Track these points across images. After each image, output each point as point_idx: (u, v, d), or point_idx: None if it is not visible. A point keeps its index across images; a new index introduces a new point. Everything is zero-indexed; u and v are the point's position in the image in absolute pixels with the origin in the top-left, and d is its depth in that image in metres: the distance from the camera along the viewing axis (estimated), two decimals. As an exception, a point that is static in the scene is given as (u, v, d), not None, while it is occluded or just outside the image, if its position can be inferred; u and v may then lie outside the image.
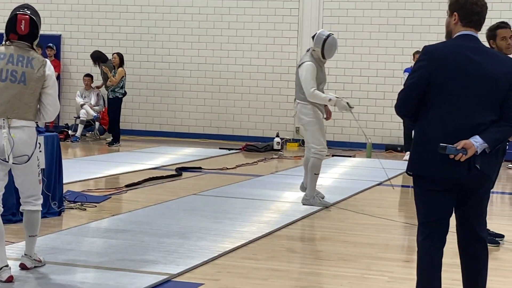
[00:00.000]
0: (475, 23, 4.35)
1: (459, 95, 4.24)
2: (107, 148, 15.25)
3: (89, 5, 17.89)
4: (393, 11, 16.37)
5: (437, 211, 4.34)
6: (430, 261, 4.36)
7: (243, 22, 17.03)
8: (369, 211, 8.82)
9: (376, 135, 16.16)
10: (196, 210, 8.43)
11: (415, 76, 4.29)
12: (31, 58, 5.48)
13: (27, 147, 5.47)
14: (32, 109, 5.48)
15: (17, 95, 5.40)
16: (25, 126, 5.45)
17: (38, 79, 5.46)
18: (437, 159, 4.20)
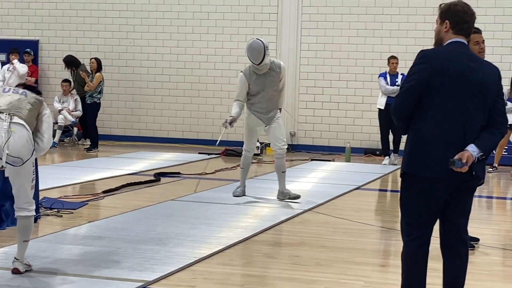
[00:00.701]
0: (465, 31, 4.55)
1: (455, 99, 4.37)
2: (85, 153, 15.17)
3: (67, 10, 17.81)
4: (371, 16, 16.43)
5: (429, 212, 4.45)
6: (417, 261, 4.50)
7: (222, 27, 17.02)
8: (346, 215, 8.84)
9: (355, 139, 16.21)
10: (173, 216, 8.40)
11: (414, 79, 4.40)
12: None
13: (25, 150, 5.63)
14: (32, 120, 5.75)
15: (19, 100, 5.78)
16: (25, 127, 5.67)
17: (36, 97, 5.88)
18: (435, 160, 4.34)
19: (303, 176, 12.54)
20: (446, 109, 4.38)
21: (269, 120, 9.51)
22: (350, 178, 12.27)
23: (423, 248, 4.50)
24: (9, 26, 18.14)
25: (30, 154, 5.67)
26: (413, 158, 4.44)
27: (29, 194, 5.84)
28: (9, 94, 5.80)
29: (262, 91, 9.37)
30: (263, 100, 9.42)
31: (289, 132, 16.80)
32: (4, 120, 5.58)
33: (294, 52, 16.79)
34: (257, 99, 9.43)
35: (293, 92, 16.77)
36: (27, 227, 5.88)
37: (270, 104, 9.48)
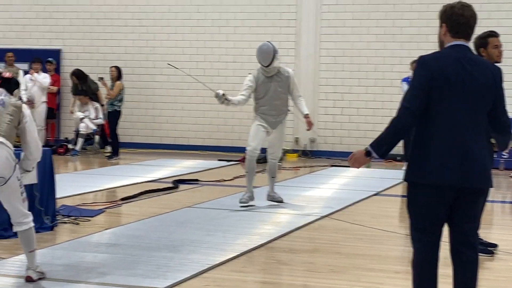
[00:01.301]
0: (463, 33, 4.46)
1: (456, 104, 4.34)
2: (106, 161, 15.25)
3: (88, 20, 17.95)
4: (390, 20, 16.39)
5: (435, 217, 4.43)
6: (428, 267, 4.47)
7: (241, 34, 17.07)
8: (363, 221, 8.80)
9: (375, 145, 16.10)
10: (189, 223, 8.42)
11: (416, 87, 4.33)
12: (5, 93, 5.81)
13: (6, 169, 5.57)
14: (12, 133, 5.67)
15: (1, 114, 5.60)
16: (4, 144, 5.57)
17: (16, 106, 5.73)
18: (441, 166, 4.31)
19: (323, 183, 12.52)
20: (447, 114, 4.35)
21: (275, 125, 9.55)
22: (369, 184, 12.22)
23: (432, 253, 4.48)
24: (31, 36, 18.31)
25: (12, 171, 5.60)
26: (416, 165, 4.41)
27: (21, 208, 5.78)
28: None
29: (269, 93, 9.48)
30: (270, 103, 9.48)
31: (308, 139, 16.80)
32: None
33: (313, 58, 16.78)
34: (263, 102, 9.49)
35: (312, 98, 16.75)
36: (29, 238, 5.85)
37: (277, 107, 9.52)
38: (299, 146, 16.86)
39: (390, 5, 16.44)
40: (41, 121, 16.10)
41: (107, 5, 17.88)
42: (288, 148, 16.62)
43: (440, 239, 4.50)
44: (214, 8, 17.30)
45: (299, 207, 9.75)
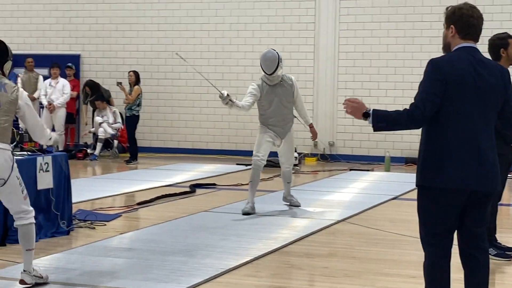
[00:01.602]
0: (472, 35, 4.45)
1: (467, 107, 4.31)
2: (125, 166, 15.28)
3: (107, 25, 18.02)
4: (410, 23, 16.29)
5: (447, 221, 4.40)
6: (440, 271, 4.44)
7: (259, 38, 17.04)
8: (380, 226, 8.73)
9: (395, 148, 16.05)
10: (204, 227, 8.40)
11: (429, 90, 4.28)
12: (4, 83, 5.68)
13: (4, 170, 5.56)
14: (7, 132, 5.64)
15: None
16: (2, 148, 5.57)
17: (11, 102, 5.64)
18: (451, 170, 4.28)
19: (341, 187, 12.45)
20: (458, 117, 4.31)
21: (284, 134, 9.46)
22: (388, 188, 12.13)
23: (444, 257, 4.44)
24: (51, 41, 18.41)
25: (10, 170, 5.59)
26: (427, 169, 4.36)
27: (22, 205, 5.75)
28: None
29: (274, 102, 9.33)
30: (276, 113, 9.35)
31: (327, 142, 16.73)
32: None
33: (332, 61, 16.72)
34: (269, 112, 9.36)
35: (331, 102, 16.71)
36: (28, 235, 5.80)
37: (284, 116, 9.41)
38: (318, 150, 16.79)
39: (410, 8, 16.34)
40: (60, 126, 16.17)
41: (125, 10, 17.93)
42: (307, 152, 16.58)
43: (452, 243, 4.47)
44: (232, 12, 17.30)
45: (316, 211, 9.69)
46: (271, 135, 9.41)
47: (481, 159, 4.29)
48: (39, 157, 7.69)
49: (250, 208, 9.32)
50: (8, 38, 18.45)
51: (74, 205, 8.78)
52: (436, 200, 4.37)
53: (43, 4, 18.43)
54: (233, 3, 17.31)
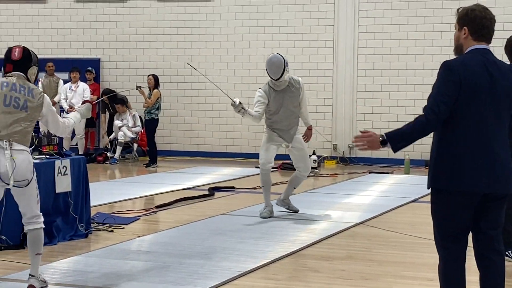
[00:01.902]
0: (485, 36, 4.43)
1: (480, 109, 4.30)
2: (145, 169, 15.32)
3: (127, 29, 18.10)
4: (429, 25, 16.23)
5: (460, 224, 4.38)
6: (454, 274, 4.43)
7: (278, 41, 17.04)
8: (399, 228, 8.69)
9: (415, 151, 15.93)
10: (222, 230, 8.40)
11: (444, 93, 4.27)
12: (31, 88, 5.78)
13: (28, 172, 5.62)
14: (29, 135, 5.74)
15: (18, 121, 5.63)
16: (24, 150, 5.64)
17: (36, 108, 5.74)
18: (465, 173, 4.27)
19: (361, 189, 12.41)
20: (471, 120, 4.30)
21: (291, 138, 9.27)
22: (407, 191, 12.08)
23: (459, 260, 4.42)
24: (71, 46, 18.52)
25: (32, 173, 5.68)
26: (440, 171, 4.35)
27: (35, 210, 5.82)
28: (10, 109, 5.63)
29: (281, 107, 9.15)
30: (284, 118, 9.19)
31: (347, 145, 16.70)
32: (5, 148, 5.51)
33: (351, 64, 16.69)
34: (277, 117, 9.18)
35: (350, 104, 16.68)
36: (37, 239, 5.84)
37: (290, 120, 9.24)
38: (338, 152, 16.76)
39: (429, 10, 16.28)
40: (80, 130, 16.27)
41: (145, 14, 18.00)
42: (326, 155, 16.55)
43: (466, 245, 4.45)
44: (251, 15, 17.31)
45: (335, 214, 9.68)
46: (277, 139, 9.27)
47: (494, 161, 4.27)
48: (58, 161, 7.74)
49: (269, 212, 9.28)
50: (29, 43, 18.61)
51: (93, 208, 8.83)
52: (449, 203, 4.35)
53: (63, 9, 18.55)
54: (252, 7, 17.32)
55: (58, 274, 6.37)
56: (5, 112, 5.60)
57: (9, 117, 5.60)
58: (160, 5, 17.94)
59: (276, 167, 15.27)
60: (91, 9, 18.38)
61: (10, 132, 5.57)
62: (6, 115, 5.60)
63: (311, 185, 13.03)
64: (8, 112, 5.61)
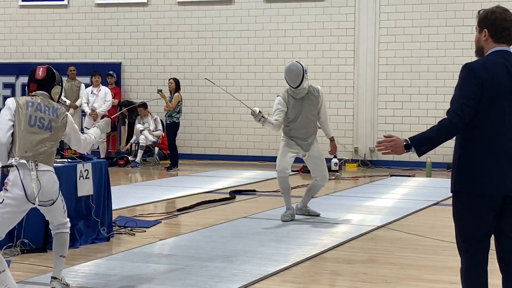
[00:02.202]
0: (506, 38, 4.41)
1: (503, 112, 4.27)
2: (166, 172, 15.36)
3: (148, 33, 18.16)
4: (451, 27, 16.14)
5: (482, 227, 4.35)
6: (477, 277, 4.40)
7: (299, 44, 17.02)
8: (421, 231, 8.65)
9: (437, 154, 15.83)
10: (243, 233, 8.40)
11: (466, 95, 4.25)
12: (55, 107, 5.83)
13: (53, 193, 5.71)
14: (53, 155, 5.80)
15: (43, 141, 5.68)
16: (49, 171, 5.70)
17: (60, 128, 5.81)
18: (487, 176, 4.24)
19: (382, 192, 12.37)
20: (493, 122, 4.27)
21: (308, 147, 9.22)
22: (429, 194, 12.03)
23: (481, 263, 4.39)
24: (92, 50, 18.61)
25: (58, 192, 5.76)
26: (462, 174, 4.32)
27: (62, 219, 5.91)
28: (35, 130, 5.66)
29: (300, 115, 9.10)
30: (302, 126, 9.14)
31: (368, 148, 16.65)
32: (30, 169, 5.54)
33: (372, 66, 16.64)
34: (295, 125, 9.13)
35: (371, 107, 16.63)
36: (63, 242, 5.93)
37: (308, 129, 9.19)
38: (359, 155, 16.71)
39: (450, 12, 16.20)
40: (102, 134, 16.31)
41: (165, 18, 18.05)
42: (348, 158, 16.51)
43: (488, 249, 4.42)
44: (271, 18, 17.31)
45: (356, 217, 9.64)
46: (294, 147, 9.21)
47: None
48: (79, 164, 7.77)
49: (290, 215, 9.26)
50: (51, 47, 18.78)
51: (115, 212, 8.86)
52: (471, 206, 4.32)
53: (84, 13, 18.65)
54: (272, 10, 17.32)
55: (80, 277, 6.40)
56: (30, 132, 5.64)
57: (34, 138, 5.64)
58: (181, 8, 17.99)
59: (297, 171, 15.26)
60: (112, 13, 18.47)
61: (35, 153, 5.61)
62: (31, 135, 5.64)
63: (332, 188, 12.99)
64: (33, 132, 5.65)
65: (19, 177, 5.49)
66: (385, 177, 14.68)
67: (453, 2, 16.20)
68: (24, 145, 5.58)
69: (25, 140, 5.59)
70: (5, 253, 7.11)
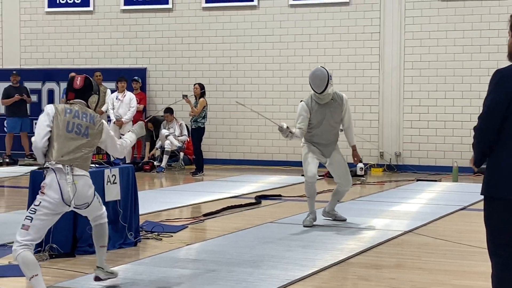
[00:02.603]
0: None
1: None
2: (191, 178, 15.40)
3: (173, 38, 18.24)
4: (477, 31, 16.06)
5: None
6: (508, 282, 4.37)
7: (323, 49, 17.01)
8: (448, 236, 8.59)
9: (463, 158, 15.77)
10: (270, 238, 8.39)
11: (495, 101, 4.22)
12: (92, 115, 6.00)
13: (88, 197, 5.87)
14: (88, 161, 5.96)
15: (80, 147, 5.84)
16: (85, 175, 5.85)
17: (96, 134, 5.97)
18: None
19: (408, 197, 12.31)
20: None
21: (329, 153, 9.18)
22: (456, 199, 11.94)
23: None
24: (118, 56, 18.72)
25: (93, 195, 5.92)
26: (492, 179, 4.30)
27: (99, 212, 6.09)
28: (72, 135, 5.83)
29: (323, 121, 9.01)
30: (324, 132, 9.05)
31: (394, 152, 16.59)
32: (66, 173, 5.69)
33: (397, 71, 16.59)
34: (318, 131, 9.06)
35: (397, 112, 16.57)
36: (101, 232, 6.15)
37: (330, 136, 9.13)
38: (384, 160, 16.65)
39: (476, 16, 16.11)
40: (127, 139, 16.38)
41: (190, 23, 18.12)
42: (373, 163, 16.46)
43: None
44: (296, 23, 17.31)
45: (383, 222, 9.60)
46: (316, 152, 9.16)
47: None
48: (107, 170, 7.80)
49: (312, 220, 9.23)
50: (76, 53, 18.92)
51: (141, 217, 8.88)
52: (502, 210, 4.29)
53: (110, 19, 18.78)
54: (297, 15, 17.33)
55: (107, 282, 6.40)
56: (67, 138, 5.80)
57: (72, 143, 5.80)
58: (206, 14, 18.05)
59: (322, 175, 15.24)
60: (137, 19, 18.57)
61: (72, 157, 5.76)
62: (68, 141, 5.80)
63: (358, 193, 12.96)
64: (70, 138, 5.81)
65: (55, 180, 5.65)
66: (411, 181, 14.61)
67: (479, 5, 16.11)
68: (61, 150, 5.75)
69: (62, 145, 5.76)
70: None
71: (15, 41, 19.57)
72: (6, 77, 18.71)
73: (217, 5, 17.92)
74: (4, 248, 7.67)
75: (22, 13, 19.53)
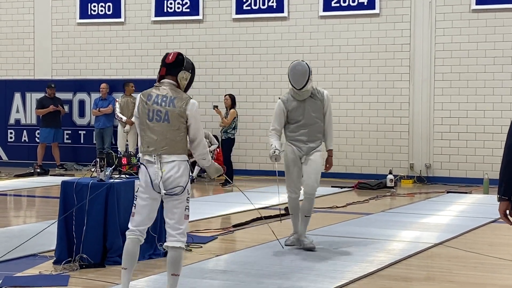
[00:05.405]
0: None
1: None
2: (221, 188, 15.43)
3: (203, 49, 18.32)
4: (508, 43, 15.96)
5: None
6: None
7: (353, 60, 16.99)
8: (479, 249, 8.53)
9: (494, 170, 15.64)
10: (299, 250, 8.38)
11: None
12: (173, 97, 5.86)
13: (180, 178, 5.79)
14: (179, 143, 5.85)
15: (163, 133, 5.83)
16: (174, 160, 5.81)
17: (177, 116, 5.82)
18: None
19: (438, 209, 12.23)
20: None
21: (308, 151, 8.46)
22: (487, 211, 11.82)
23: None
24: (148, 67, 18.82)
25: (187, 177, 5.82)
26: None
27: (182, 224, 5.96)
28: (153, 124, 5.85)
29: (302, 119, 8.43)
30: (304, 130, 8.43)
31: (424, 164, 16.50)
32: (154, 163, 5.77)
33: (427, 82, 16.52)
34: (297, 128, 8.46)
35: (427, 123, 16.49)
36: (176, 259, 5.97)
37: (311, 133, 8.43)
38: (414, 172, 16.56)
39: (507, 27, 16.01)
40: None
41: (220, 34, 18.20)
42: (403, 174, 16.37)
43: None
44: (326, 34, 17.31)
45: (412, 234, 9.55)
46: (295, 153, 8.52)
47: None
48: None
49: (293, 240, 8.65)
50: (107, 64, 19.08)
51: (171, 227, 8.89)
52: None
53: (140, 30, 18.92)
54: (327, 26, 17.33)
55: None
56: (150, 127, 5.85)
57: (154, 132, 5.83)
58: (236, 25, 18.12)
59: (352, 187, 15.21)
60: (168, 30, 18.69)
61: (157, 146, 5.81)
62: (151, 130, 5.85)
63: (388, 205, 12.91)
64: (152, 126, 5.85)
65: (144, 169, 5.78)
66: (441, 193, 14.52)
67: (510, 17, 16.01)
68: (147, 141, 5.85)
69: (147, 136, 5.86)
70: (64, 268, 7.24)
71: (47, 52, 19.80)
72: (39, 87, 18.93)
73: (247, 16, 17.98)
74: (34, 258, 7.74)
75: (54, 24, 19.75)
